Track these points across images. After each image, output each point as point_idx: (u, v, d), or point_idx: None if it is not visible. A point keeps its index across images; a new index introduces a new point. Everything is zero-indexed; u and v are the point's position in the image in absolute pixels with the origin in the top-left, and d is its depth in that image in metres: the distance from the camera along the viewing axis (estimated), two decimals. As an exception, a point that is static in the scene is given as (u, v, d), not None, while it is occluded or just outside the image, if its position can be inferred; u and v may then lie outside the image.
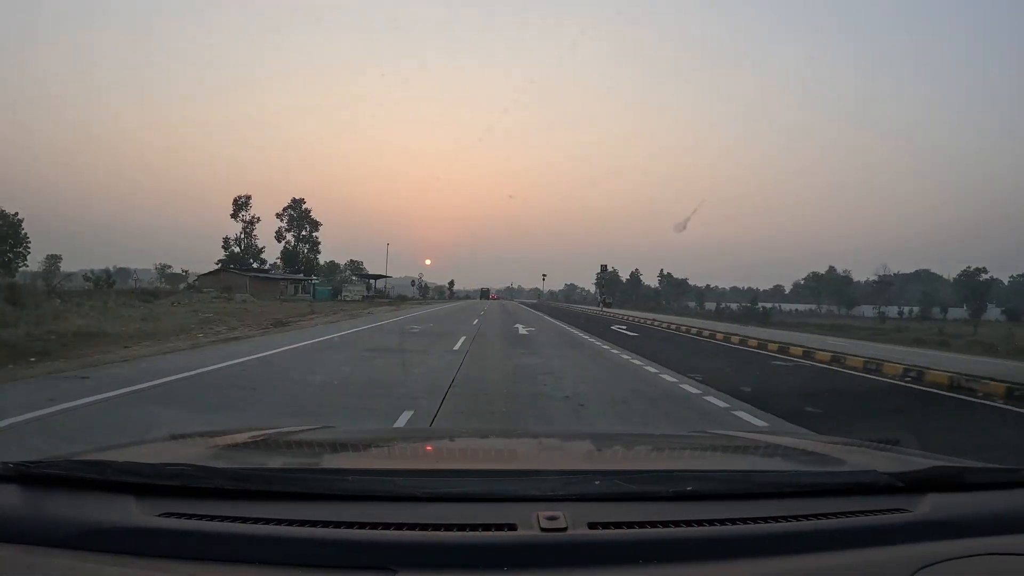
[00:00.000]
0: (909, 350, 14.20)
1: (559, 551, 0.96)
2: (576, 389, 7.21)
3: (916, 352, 13.50)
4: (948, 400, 7.73)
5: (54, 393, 5.72)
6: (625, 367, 9.96)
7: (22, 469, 1.13)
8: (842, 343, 15.24)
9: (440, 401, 6.13)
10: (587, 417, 5.69)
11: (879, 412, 6.89)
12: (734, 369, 10.31)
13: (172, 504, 1.06)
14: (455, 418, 5.50)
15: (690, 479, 1.24)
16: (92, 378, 6.76)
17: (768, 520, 1.07)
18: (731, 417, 5.90)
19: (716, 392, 7.25)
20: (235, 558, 0.95)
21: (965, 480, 1.28)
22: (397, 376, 8.06)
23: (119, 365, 8.00)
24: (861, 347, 14.11)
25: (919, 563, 0.95)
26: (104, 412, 5.18)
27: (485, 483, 1.20)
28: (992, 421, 6.54)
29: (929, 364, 9.93)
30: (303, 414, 5.43)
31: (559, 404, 6.23)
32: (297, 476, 1.24)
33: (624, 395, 6.99)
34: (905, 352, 13.23)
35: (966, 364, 10.36)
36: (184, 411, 5.44)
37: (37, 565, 0.94)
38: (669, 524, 1.04)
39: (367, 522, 1.00)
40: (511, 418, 5.59)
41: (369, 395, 6.54)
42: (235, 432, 1.80)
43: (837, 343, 14.99)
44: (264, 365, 8.79)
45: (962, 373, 8.73)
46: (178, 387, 6.59)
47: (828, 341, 15.81)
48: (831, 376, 9.91)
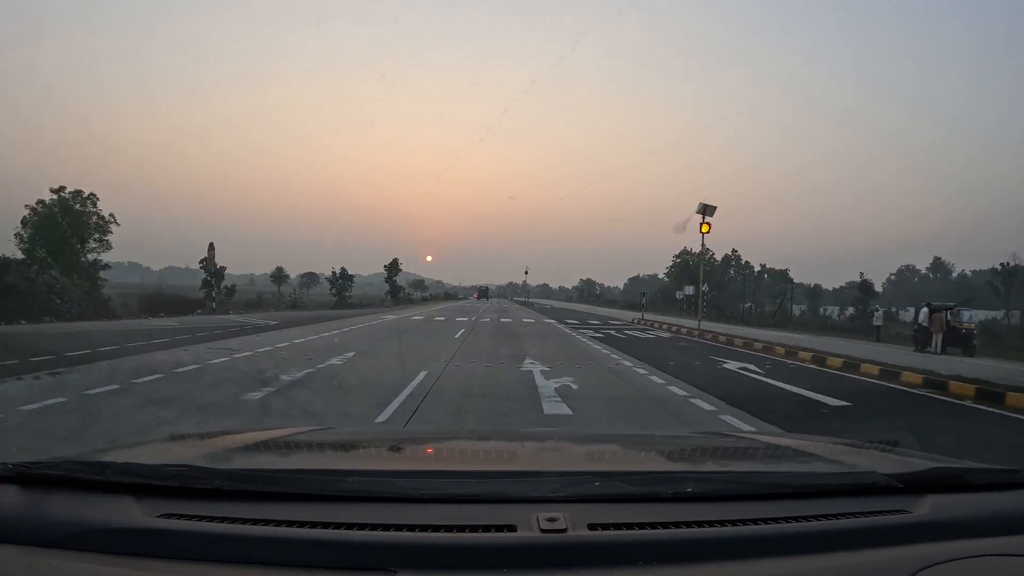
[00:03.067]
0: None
1: (559, 552, 0.96)
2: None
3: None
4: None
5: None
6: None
7: (22, 470, 1.13)
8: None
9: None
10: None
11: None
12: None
13: (172, 505, 1.05)
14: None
15: (690, 480, 1.24)
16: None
17: (768, 521, 1.07)
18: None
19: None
20: (235, 559, 0.95)
21: (965, 481, 1.28)
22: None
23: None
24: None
25: (919, 564, 0.95)
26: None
27: (485, 484, 1.20)
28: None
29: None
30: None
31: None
32: (297, 477, 1.24)
33: None
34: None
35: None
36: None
37: (37, 565, 0.94)
38: (669, 525, 1.04)
39: (367, 523, 1.00)
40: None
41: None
42: (235, 433, 1.80)
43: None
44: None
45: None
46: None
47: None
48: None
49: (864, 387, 9.52)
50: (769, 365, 11.79)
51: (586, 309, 51.25)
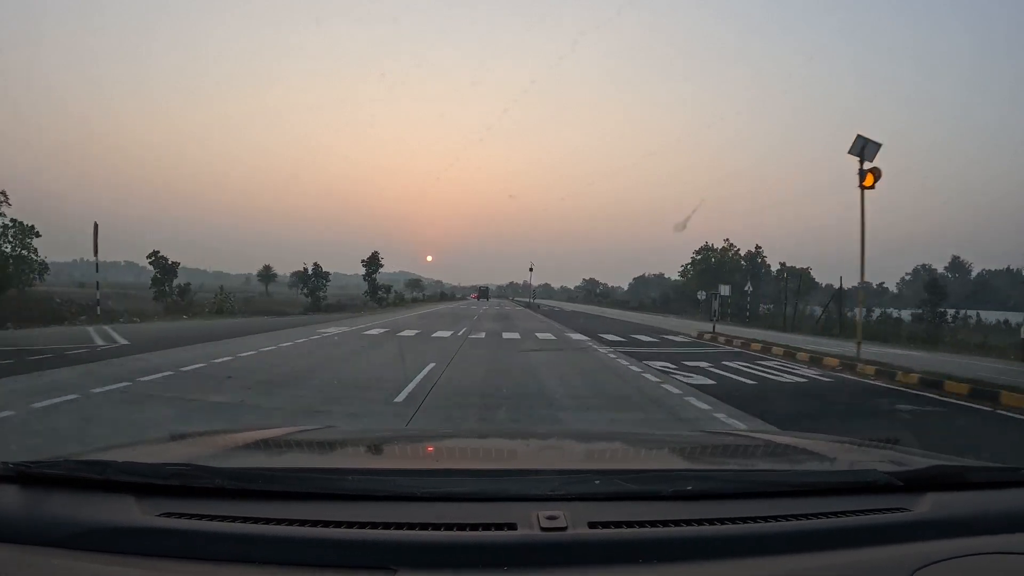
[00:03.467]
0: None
1: (559, 550, 0.96)
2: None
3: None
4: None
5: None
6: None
7: (22, 469, 1.12)
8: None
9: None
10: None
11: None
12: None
13: (172, 504, 1.05)
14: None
15: (690, 478, 1.24)
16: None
17: (768, 519, 1.07)
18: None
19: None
20: (235, 558, 0.95)
21: (965, 479, 1.28)
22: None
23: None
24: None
25: (919, 562, 0.95)
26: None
27: (485, 482, 1.19)
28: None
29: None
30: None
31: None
32: (297, 476, 1.24)
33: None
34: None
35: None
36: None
37: (37, 565, 0.94)
38: (669, 523, 1.04)
39: (367, 522, 1.00)
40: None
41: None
42: (235, 432, 1.79)
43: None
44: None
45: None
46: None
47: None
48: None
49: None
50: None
51: (601, 312, 44.17)
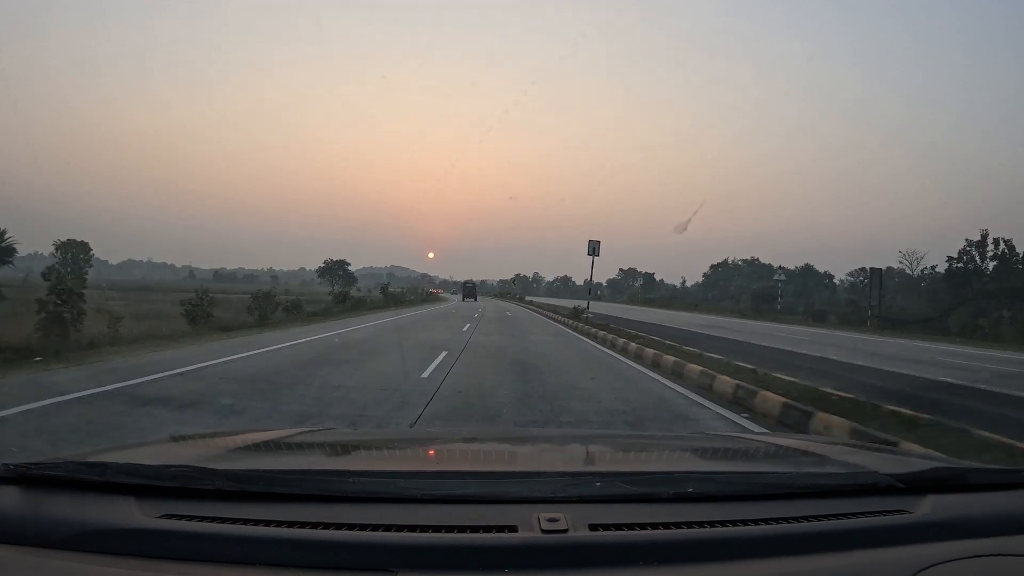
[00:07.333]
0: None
1: (560, 552, 0.96)
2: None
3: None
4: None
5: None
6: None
7: (23, 470, 1.12)
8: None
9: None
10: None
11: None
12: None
13: (173, 505, 1.05)
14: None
15: (691, 481, 1.24)
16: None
17: (769, 522, 1.07)
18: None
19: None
20: (235, 559, 0.95)
21: (966, 481, 1.28)
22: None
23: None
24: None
25: (920, 564, 0.95)
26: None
27: (486, 484, 1.19)
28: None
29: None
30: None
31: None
32: (298, 478, 1.24)
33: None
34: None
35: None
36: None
37: (38, 566, 0.94)
38: (670, 526, 1.04)
39: (367, 524, 1.00)
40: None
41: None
42: (236, 434, 1.79)
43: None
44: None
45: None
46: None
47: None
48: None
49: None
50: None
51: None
